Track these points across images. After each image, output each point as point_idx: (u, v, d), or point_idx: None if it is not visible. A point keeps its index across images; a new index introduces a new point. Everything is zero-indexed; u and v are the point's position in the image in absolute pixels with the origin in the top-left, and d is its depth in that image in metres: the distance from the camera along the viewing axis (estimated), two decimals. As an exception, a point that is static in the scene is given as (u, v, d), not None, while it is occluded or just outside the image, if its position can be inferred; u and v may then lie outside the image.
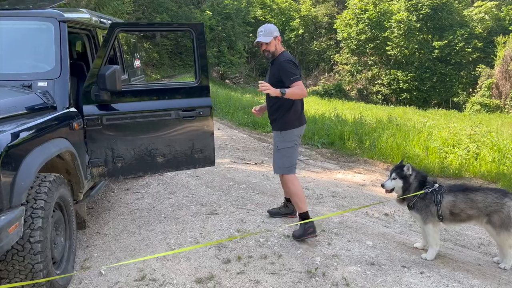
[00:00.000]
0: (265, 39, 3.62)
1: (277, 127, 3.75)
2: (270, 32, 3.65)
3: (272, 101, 3.73)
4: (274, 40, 3.66)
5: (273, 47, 3.66)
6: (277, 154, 3.77)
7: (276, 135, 3.77)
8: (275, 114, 3.75)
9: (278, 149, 3.75)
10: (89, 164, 3.43)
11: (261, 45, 3.65)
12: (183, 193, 4.95)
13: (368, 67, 32.27)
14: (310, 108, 15.97)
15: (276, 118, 3.75)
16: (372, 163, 7.28)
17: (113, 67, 3.26)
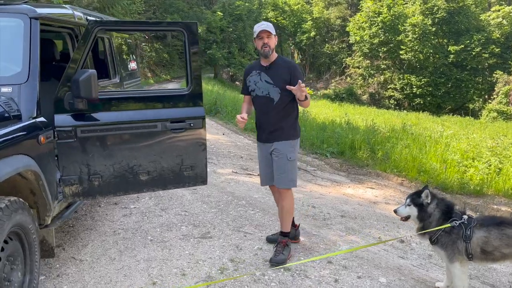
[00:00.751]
0: (270, 29, 3.26)
1: (285, 136, 3.36)
2: (272, 28, 3.30)
3: (279, 107, 3.33)
4: (274, 38, 3.32)
5: (273, 43, 3.31)
6: (288, 165, 3.36)
7: (286, 145, 3.35)
8: (282, 122, 3.35)
9: (289, 160, 3.35)
10: (61, 182, 2.98)
11: (262, 37, 3.25)
12: (176, 209, 4.48)
13: (381, 71, 31.60)
14: (320, 113, 15.45)
15: (283, 127, 3.36)
16: (385, 177, 6.75)
17: (89, 71, 2.80)
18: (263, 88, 3.33)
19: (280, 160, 3.34)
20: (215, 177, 5.93)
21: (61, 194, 3.01)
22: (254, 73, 3.40)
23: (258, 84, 3.35)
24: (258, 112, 3.45)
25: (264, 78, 3.33)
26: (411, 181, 6.46)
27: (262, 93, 3.33)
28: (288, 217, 3.46)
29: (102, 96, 3.02)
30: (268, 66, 3.33)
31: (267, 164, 3.47)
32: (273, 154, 3.38)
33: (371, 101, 31.42)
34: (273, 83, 3.30)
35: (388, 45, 30.12)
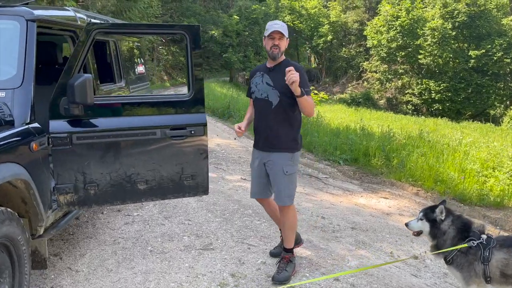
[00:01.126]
0: (284, 31, 3.03)
1: (284, 147, 3.10)
2: (285, 29, 3.08)
3: (277, 112, 3.08)
4: (285, 40, 3.09)
5: (283, 46, 3.08)
6: (284, 180, 3.10)
7: (284, 157, 3.10)
8: (280, 130, 3.08)
9: (286, 174, 3.09)
10: (55, 190, 2.86)
11: (273, 38, 3.03)
12: (180, 218, 4.34)
13: (398, 76, 31.07)
14: (335, 118, 15.19)
15: (281, 135, 3.08)
16: (400, 186, 6.50)
17: (84, 76, 2.69)
18: (262, 90, 3.12)
19: (276, 173, 3.10)
20: (222, 183, 5.78)
21: (56, 203, 2.90)
22: (258, 74, 3.20)
23: (259, 86, 3.15)
24: (256, 115, 3.22)
25: (265, 80, 3.12)
26: (427, 191, 6.20)
27: (261, 95, 3.12)
28: (291, 233, 3.25)
29: (98, 101, 2.91)
30: (272, 68, 3.11)
31: (259, 174, 3.22)
32: (268, 165, 3.14)
33: (388, 106, 30.90)
34: (273, 86, 3.07)
35: (406, 49, 29.58)
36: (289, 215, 3.18)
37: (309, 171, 7.27)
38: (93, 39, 2.88)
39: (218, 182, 5.81)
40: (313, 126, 10.43)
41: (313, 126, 10.43)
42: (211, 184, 5.71)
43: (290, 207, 3.17)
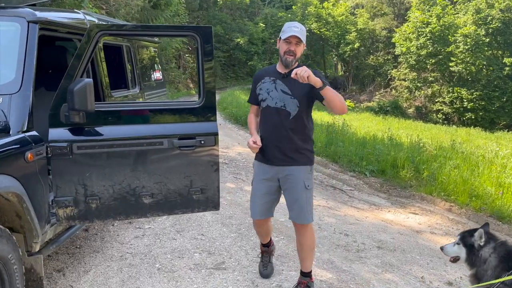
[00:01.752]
0: (302, 36, 2.72)
1: (304, 160, 2.86)
2: (304, 34, 2.77)
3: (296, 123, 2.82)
4: (303, 47, 2.80)
5: (300, 52, 2.79)
6: (306, 195, 2.84)
7: (304, 170, 2.85)
8: (299, 142, 2.84)
9: (307, 188, 2.84)
10: (54, 203, 2.66)
11: (290, 42, 2.73)
12: (192, 232, 4.10)
13: (428, 84, 30.14)
14: (362, 126, 14.72)
15: (300, 148, 2.84)
16: (431, 201, 6.06)
17: (84, 80, 2.49)
18: (277, 99, 2.81)
19: (297, 188, 2.82)
20: (240, 195, 5.51)
21: (55, 217, 2.70)
22: (267, 79, 2.88)
23: (272, 93, 2.83)
24: (268, 126, 2.86)
25: (280, 87, 2.81)
26: (461, 207, 5.73)
27: (276, 104, 2.81)
28: (311, 254, 2.96)
29: (101, 108, 2.71)
30: (287, 74, 2.78)
31: (268, 191, 2.93)
32: (285, 181, 2.85)
33: (418, 115, 29.97)
34: (291, 94, 2.78)
35: (437, 56, 28.68)
36: (309, 234, 2.92)
37: (333, 182, 6.92)
38: (97, 42, 2.69)
39: (236, 193, 5.55)
40: (338, 135, 10.06)
41: (338, 135, 10.06)
42: (228, 195, 5.48)
43: (310, 225, 2.92)
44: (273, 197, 2.97)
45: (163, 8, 22.44)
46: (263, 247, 3.33)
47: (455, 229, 4.98)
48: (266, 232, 3.18)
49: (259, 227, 3.11)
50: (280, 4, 38.53)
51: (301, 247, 2.96)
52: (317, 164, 8.14)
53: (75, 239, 3.80)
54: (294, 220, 2.91)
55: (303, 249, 2.94)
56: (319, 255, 3.76)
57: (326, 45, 40.34)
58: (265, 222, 3.08)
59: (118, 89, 4.20)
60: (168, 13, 22.81)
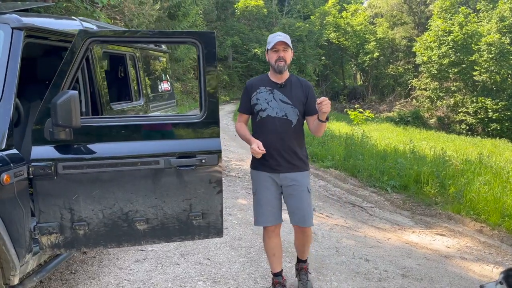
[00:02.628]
0: (288, 41, 2.83)
1: (304, 166, 2.98)
2: (289, 40, 2.87)
3: (296, 132, 2.92)
4: (291, 52, 2.89)
5: (289, 58, 2.87)
6: (308, 199, 2.94)
7: (306, 176, 2.98)
8: (300, 150, 2.95)
9: (310, 192, 2.96)
10: (37, 230, 2.38)
11: (277, 50, 2.82)
12: (198, 256, 3.77)
13: (451, 94, 29.33)
14: (382, 138, 14.22)
15: (301, 155, 2.95)
16: (459, 220, 5.59)
17: (69, 93, 2.21)
18: (278, 109, 2.85)
19: (301, 194, 2.90)
20: (252, 213, 5.16)
21: (37, 245, 2.42)
22: (263, 89, 2.90)
23: (272, 103, 2.86)
24: (270, 136, 2.85)
25: (278, 97, 2.87)
26: (493, 228, 5.26)
27: (277, 114, 2.85)
28: (308, 246, 3.20)
29: (89, 123, 2.42)
30: (283, 84, 2.88)
31: (275, 196, 2.94)
32: (289, 187, 2.90)
33: (440, 125, 29.16)
34: (292, 104, 2.86)
35: (460, 65, 27.91)
36: (310, 234, 3.07)
37: (352, 199, 6.52)
38: (87, 50, 2.42)
39: (248, 211, 5.21)
40: (358, 148, 9.63)
41: (358, 148, 9.63)
42: (239, 213, 5.15)
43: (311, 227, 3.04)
44: (279, 203, 2.98)
45: (181, 19, 22.49)
46: (276, 277, 3.12)
47: (488, 254, 4.52)
48: (278, 249, 3.05)
49: (270, 237, 3.01)
50: (298, 14, 38.35)
51: (304, 245, 3.12)
52: (335, 179, 7.75)
53: (71, 263, 3.52)
54: (298, 224, 2.94)
55: (305, 245, 3.13)
56: (336, 285, 3.38)
57: (344, 54, 39.91)
58: (276, 229, 3.02)
59: (121, 101, 3.95)
60: (186, 23, 22.85)
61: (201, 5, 27.06)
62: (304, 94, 2.88)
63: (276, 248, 3.04)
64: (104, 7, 9.78)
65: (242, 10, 33.84)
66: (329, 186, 7.24)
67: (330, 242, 4.37)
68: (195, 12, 24.42)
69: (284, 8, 39.45)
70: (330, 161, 8.72)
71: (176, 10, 22.17)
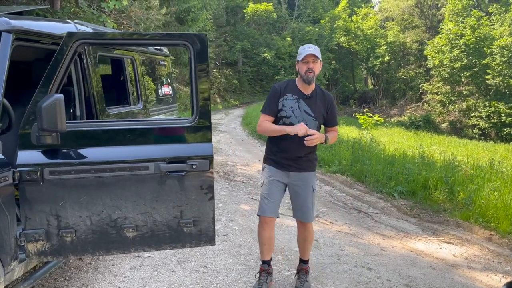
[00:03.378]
0: (318, 54, 2.97)
1: (313, 167, 3.20)
2: (319, 52, 3.01)
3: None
4: (320, 64, 3.03)
5: (317, 69, 3.02)
6: (312, 197, 3.18)
7: (313, 176, 3.20)
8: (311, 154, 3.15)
9: (314, 191, 3.19)
10: (23, 237, 2.32)
11: (307, 61, 2.97)
12: (195, 263, 3.69)
13: (463, 98, 28.92)
14: (391, 142, 14.03)
15: (312, 159, 3.17)
16: (468, 228, 5.43)
17: (54, 96, 2.16)
18: (300, 118, 3.02)
19: (307, 192, 3.14)
20: (254, 219, 5.07)
21: (24, 252, 2.36)
22: (290, 97, 3.05)
23: (296, 112, 3.03)
24: (289, 142, 3.03)
25: (303, 107, 3.04)
26: (503, 236, 5.08)
27: (298, 122, 3.01)
28: (310, 246, 3.36)
29: (76, 128, 2.37)
30: (310, 96, 3.05)
31: (279, 191, 3.15)
32: (296, 186, 3.13)
33: (452, 130, 28.73)
34: (314, 116, 3.05)
35: (472, 69, 27.51)
36: (312, 228, 3.28)
37: (358, 205, 6.38)
38: (75, 52, 2.36)
39: (249, 217, 5.12)
40: (365, 152, 9.48)
41: (365, 152, 9.48)
42: (241, 219, 5.06)
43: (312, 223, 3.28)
44: (280, 198, 3.17)
45: (190, 23, 22.58)
46: (263, 265, 3.28)
47: (497, 263, 4.36)
48: (270, 239, 3.20)
49: (264, 228, 3.17)
50: (308, 19, 38.26)
51: (305, 240, 3.29)
52: (341, 184, 7.61)
53: (66, 269, 3.47)
54: (300, 219, 3.20)
55: (307, 241, 3.29)
56: (336, 295, 3.28)
57: (355, 58, 39.65)
58: (271, 222, 3.18)
59: (118, 105, 3.90)
60: (195, 28, 22.91)
61: (210, 10, 27.15)
62: (325, 108, 3.09)
63: (268, 239, 3.20)
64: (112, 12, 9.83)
65: (251, 15, 33.86)
66: (335, 191, 7.11)
67: (332, 250, 4.26)
68: (204, 17, 24.47)
69: (294, 12, 39.39)
70: (337, 166, 8.58)
71: (185, 15, 22.27)
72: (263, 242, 3.20)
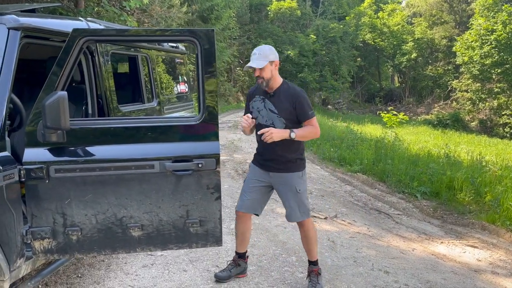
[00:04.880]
0: (258, 64, 2.91)
1: (295, 168, 3.13)
2: (265, 55, 2.95)
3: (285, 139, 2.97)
4: (270, 65, 2.96)
5: (268, 73, 2.95)
6: (298, 197, 3.13)
7: (295, 176, 3.13)
8: (289, 154, 3.08)
9: (299, 192, 3.13)
10: (29, 234, 2.32)
11: (253, 70, 2.97)
12: (207, 263, 3.65)
13: (494, 95, 27.92)
14: (417, 141, 13.67)
15: (290, 159, 3.09)
16: (494, 231, 5.19)
17: (58, 93, 2.14)
18: (267, 117, 3.04)
19: (288, 193, 3.12)
20: (270, 218, 5.00)
21: (30, 250, 2.37)
22: (257, 98, 3.11)
23: (262, 112, 3.07)
24: (261, 142, 3.08)
25: (268, 106, 3.04)
26: (532, 241, 4.84)
27: (266, 122, 3.04)
28: (315, 245, 3.27)
29: (80, 126, 2.35)
30: (273, 93, 3.04)
31: (257, 190, 3.18)
32: (277, 186, 3.15)
33: (481, 128, 27.79)
34: (277, 113, 3.01)
35: (504, 66, 26.52)
36: (310, 227, 3.23)
37: (379, 205, 6.21)
38: (81, 49, 2.35)
39: (265, 216, 5.05)
40: (388, 151, 9.25)
41: (388, 151, 9.25)
42: (256, 219, 4.99)
43: (308, 220, 3.21)
44: (260, 197, 3.19)
45: (214, 22, 22.64)
46: (235, 255, 3.40)
47: (524, 269, 4.14)
48: (243, 233, 3.30)
49: (239, 222, 3.27)
50: (333, 15, 37.74)
51: (305, 240, 3.26)
52: (363, 184, 7.44)
53: (80, 266, 3.49)
54: (287, 219, 3.22)
55: (307, 241, 3.25)
56: (350, 299, 3.17)
57: (381, 56, 38.93)
58: (246, 217, 3.25)
59: (132, 103, 3.90)
60: (219, 26, 22.96)
61: (234, 8, 27.13)
62: (291, 104, 2.97)
63: (242, 233, 3.30)
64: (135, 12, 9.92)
65: (275, 12, 33.67)
66: (356, 191, 6.95)
67: (349, 252, 4.13)
68: (228, 15, 24.50)
69: (318, 9, 38.95)
70: (358, 165, 8.40)
71: (208, 13, 22.34)
72: (237, 235, 3.36)
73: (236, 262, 3.37)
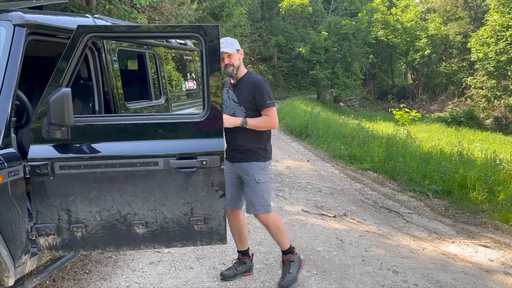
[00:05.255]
0: (228, 49, 2.95)
1: (256, 158, 3.10)
2: (232, 44, 3.01)
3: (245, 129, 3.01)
4: (237, 53, 3.01)
5: (236, 60, 3.02)
6: (257, 188, 3.09)
7: (255, 166, 3.10)
8: (250, 143, 3.08)
9: (258, 182, 3.09)
10: (34, 231, 2.33)
11: (223, 58, 2.96)
12: (213, 260, 3.64)
13: (509, 92, 27.42)
14: (429, 139, 13.49)
15: (251, 148, 3.09)
16: (507, 231, 5.09)
17: (61, 90, 2.14)
18: (230, 107, 3.10)
19: (249, 183, 3.10)
20: (279, 216, 4.96)
21: (36, 246, 2.37)
22: (224, 90, 3.14)
23: (226, 102, 3.10)
24: (226, 130, 2.97)
25: (232, 96, 3.10)
26: (546, 241, 4.73)
27: (229, 112, 3.08)
28: (281, 236, 3.24)
29: (84, 122, 2.35)
30: (235, 84, 3.09)
31: (233, 183, 3.20)
32: (242, 176, 3.14)
33: (497, 126, 27.31)
34: (238, 102, 3.06)
35: (520, 62, 26.04)
36: (270, 220, 3.17)
37: (389, 203, 6.14)
38: (86, 46, 2.34)
39: (274, 214, 5.01)
40: (399, 149, 9.14)
41: (399, 149, 9.14)
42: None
43: (267, 215, 3.15)
44: (235, 191, 3.19)
45: (225, 19, 22.61)
46: (239, 254, 3.40)
47: (538, 270, 4.05)
48: (239, 230, 3.29)
49: (230, 220, 3.25)
50: (345, 12, 37.45)
51: (271, 232, 3.24)
52: (373, 182, 7.37)
53: (87, 263, 3.50)
54: (247, 212, 3.14)
55: (273, 234, 3.24)
56: (357, 298, 3.12)
57: (394, 52, 38.51)
58: (234, 214, 3.25)
59: (139, 100, 3.90)
60: (230, 23, 22.92)
61: (245, 5, 27.05)
62: (250, 93, 2.99)
63: (236, 231, 3.29)
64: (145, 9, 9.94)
65: (286, 9, 33.54)
66: (366, 189, 6.88)
67: (357, 251, 4.09)
68: (239, 12, 24.42)
69: (330, 6, 38.69)
70: (368, 163, 8.32)
71: (220, 11, 22.30)
72: (232, 234, 3.31)
73: (241, 260, 3.36)
